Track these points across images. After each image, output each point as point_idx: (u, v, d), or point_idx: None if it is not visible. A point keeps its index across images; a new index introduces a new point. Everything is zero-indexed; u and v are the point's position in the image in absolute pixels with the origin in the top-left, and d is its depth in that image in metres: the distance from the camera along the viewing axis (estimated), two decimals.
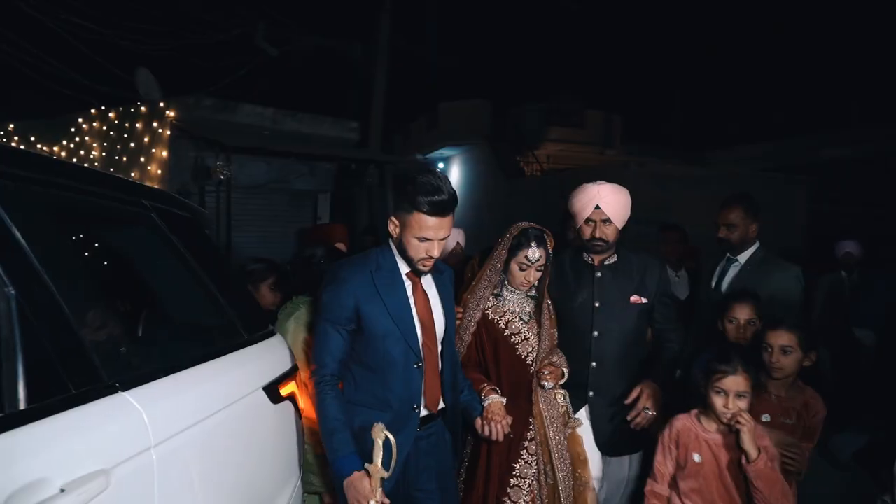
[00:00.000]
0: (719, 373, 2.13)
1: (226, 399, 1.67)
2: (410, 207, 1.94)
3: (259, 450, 1.85)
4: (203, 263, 1.85)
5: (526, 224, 2.49)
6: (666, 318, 2.70)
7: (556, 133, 16.88)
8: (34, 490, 1.05)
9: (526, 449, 2.44)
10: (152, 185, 1.91)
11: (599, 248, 2.61)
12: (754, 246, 3.09)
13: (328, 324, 2.03)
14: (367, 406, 2.06)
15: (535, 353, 2.49)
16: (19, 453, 1.06)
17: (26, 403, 1.11)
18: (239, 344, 1.88)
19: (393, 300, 2.04)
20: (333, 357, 2.02)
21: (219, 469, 1.60)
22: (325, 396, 1.98)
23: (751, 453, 2.07)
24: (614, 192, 2.58)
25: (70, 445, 1.15)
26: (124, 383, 1.33)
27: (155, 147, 8.35)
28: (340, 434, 1.94)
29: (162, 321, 1.73)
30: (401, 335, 2.04)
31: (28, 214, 1.25)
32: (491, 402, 2.30)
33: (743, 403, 2.11)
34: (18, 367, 1.12)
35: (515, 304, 2.54)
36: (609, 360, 2.61)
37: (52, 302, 1.23)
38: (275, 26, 8.79)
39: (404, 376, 2.06)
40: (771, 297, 2.84)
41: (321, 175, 9.32)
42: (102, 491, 1.15)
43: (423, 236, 1.96)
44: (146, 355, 1.47)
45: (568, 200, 2.66)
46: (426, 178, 1.93)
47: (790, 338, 2.38)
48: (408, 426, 2.07)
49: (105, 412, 1.26)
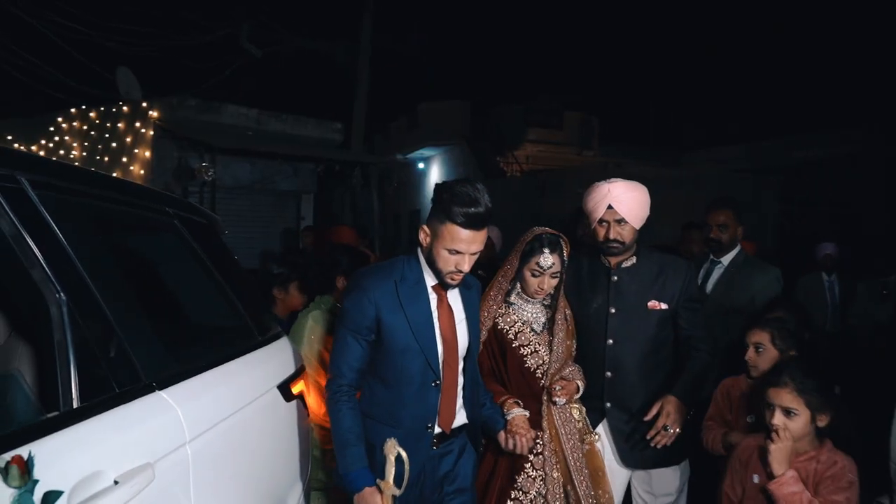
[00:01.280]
0: (768, 384, 2.02)
1: (247, 397, 1.76)
2: (444, 217, 1.84)
3: (276, 445, 1.94)
4: (220, 268, 1.94)
5: (540, 229, 2.35)
6: (693, 324, 2.48)
7: (536, 134, 17.07)
8: (92, 482, 1.12)
9: (532, 463, 2.32)
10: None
11: (615, 250, 2.44)
12: (736, 248, 3.22)
13: (348, 332, 1.95)
14: (380, 421, 1.98)
15: (547, 367, 2.36)
16: (77, 448, 1.14)
17: (79, 402, 1.19)
18: (254, 345, 1.97)
19: (415, 313, 1.95)
20: (351, 367, 1.95)
21: (243, 463, 1.69)
22: (340, 406, 1.92)
23: (775, 469, 1.91)
24: (627, 190, 2.40)
25: (118, 441, 1.23)
26: (160, 382, 1.41)
27: (138, 147, 8.32)
28: (354, 448, 1.89)
29: (187, 323, 1.81)
30: (420, 350, 1.95)
31: (72, 224, 1.33)
32: (514, 415, 2.21)
33: (792, 422, 1.94)
34: (71, 367, 1.20)
35: (529, 313, 2.41)
36: (625, 370, 2.43)
37: (96, 306, 1.31)
38: (259, 28, 8.81)
39: (420, 393, 1.98)
40: (752, 299, 2.97)
41: (305, 176, 9.36)
42: (150, 483, 1.24)
43: (455, 248, 1.85)
44: (176, 356, 1.55)
45: (582, 199, 2.53)
46: (464, 188, 1.84)
47: (762, 336, 2.39)
48: (420, 445, 1.99)
49: (146, 410, 1.34)
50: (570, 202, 5.07)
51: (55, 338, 1.20)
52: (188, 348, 1.68)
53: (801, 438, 1.97)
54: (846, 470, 1.92)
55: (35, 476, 0.99)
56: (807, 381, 1.95)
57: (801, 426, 1.96)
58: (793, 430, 1.95)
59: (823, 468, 1.94)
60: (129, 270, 1.52)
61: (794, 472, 1.91)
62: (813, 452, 1.98)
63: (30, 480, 0.97)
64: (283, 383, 2.04)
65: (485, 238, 1.90)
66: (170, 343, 1.58)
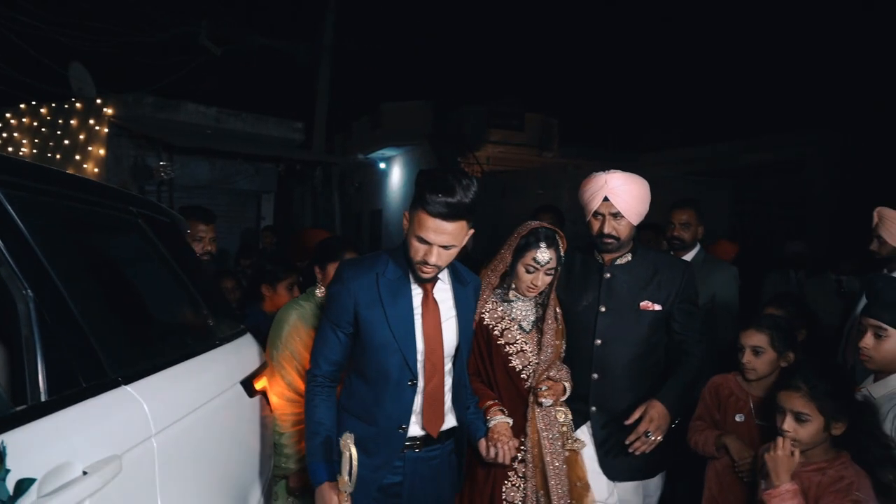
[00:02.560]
0: (780, 387, 1.95)
1: (211, 392, 1.79)
2: (418, 203, 1.76)
3: (239, 439, 1.98)
4: (183, 266, 1.97)
5: (536, 223, 2.23)
6: (686, 327, 2.37)
7: (497, 135, 17.23)
8: (61, 473, 1.16)
9: (515, 471, 2.21)
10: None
11: (609, 246, 2.33)
12: (696, 248, 3.36)
13: (327, 323, 1.93)
14: (356, 416, 1.94)
15: (533, 367, 2.25)
16: (45, 440, 1.17)
17: (47, 396, 1.22)
18: (218, 342, 2.00)
19: (395, 309, 1.88)
20: (327, 359, 1.93)
21: (208, 455, 1.72)
22: (312, 397, 1.92)
23: (774, 479, 1.83)
24: (625, 182, 2.27)
25: (86, 433, 1.26)
26: (126, 377, 1.45)
27: (91, 145, 8.14)
28: (318, 439, 1.87)
29: (152, 320, 1.83)
30: (398, 347, 1.88)
31: (39, 222, 1.35)
32: (497, 422, 2.11)
33: (804, 428, 1.84)
34: (38, 362, 1.23)
35: (519, 310, 2.30)
36: (613, 372, 2.32)
37: (62, 303, 1.34)
38: (218, 25, 8.71)
39: (396, 393, 1.91)
40: (713, 297, 3.11)
41: (265, 175, 9.29)
42: (118, 474, 1.27)
43: (423, 237, 1.76)
44: (142, 352, 1.58)
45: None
46: (442, 175, 1.75)
47: (761, 338, 2.28)
48: (389, 446, 1.92)
49: (112, 404, 1.37)
50: (531, 203, 5.19)
51: (23, 333, 1.23)
52: (153, 345, 1.71)
53: (813, 446, 1.86)
54: (853, 487, 1.77)
55: (7, 466, 1.02)
56: (820, 383, 1.84)
57: (812, 433, 1.84)
58: (803, 438, 1.84)
59: (829, 482, 1.81)
60: (94, 268, 1.55)
61: (794, 485, 1.80)
62: (823, 464, 1.85)
63: (2, 469, 1.00)
64: (247, 379, 2.07)
65: (460, 232, 1.79)
66: (135, 339, 1.61)
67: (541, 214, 3.89)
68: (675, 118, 17.86)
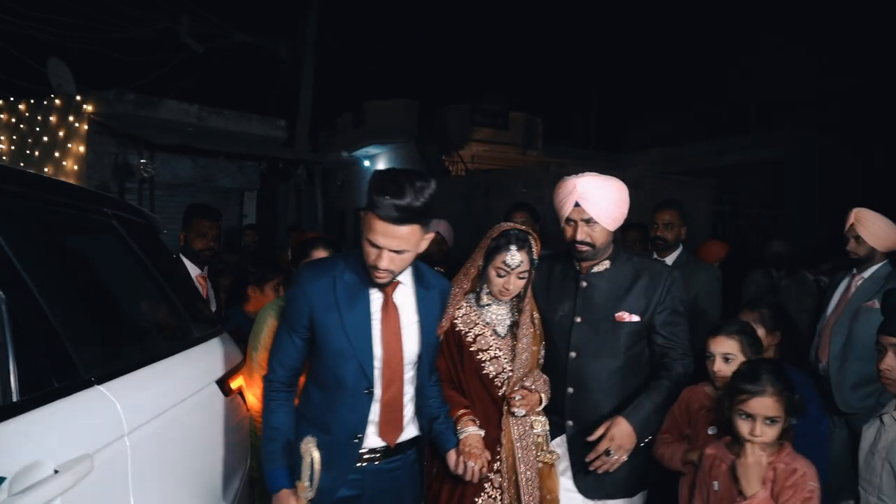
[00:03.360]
0: (745, 393, 1.81)
1: (185, 392, 1.82)
2: (367, 205, 1.68)
3: (214, 438, 2.00)
4: (158, 266, 1.99)
5: (509, 225, 2.16)
6: (669, 339, 2.21)
7: (481, 133, 17.29)
8: (32, 471, 1.18)
9: (491, 482, 2.11)
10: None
11: (584, 254, 2.20)
12: (679, 249, 3.40)
13: (284, 327, 1.87)
14: (312, 424, 1.85)
15: (508, 374, 2.16)
16: (17, 440, 1.19)
17: (18, 396, 1.24)
18: (193, 341, 2.03)
19: (351, 313, 1.80)
20: (283, 365, 1.86)
21: (182, 455, 1.75)
22: (268, 403, 1.86)
23: (746, 489, 1.77)
24: (597, 186, 2.13)
25: (58, 432, 1.29)
26: (99, 378, 1.47)
27: (71, 142, 8.07)
28: (274, 445, 1.81)
29: (127, 320, 1.85)
30: (354, 354, 1.79)
31: (11, 225, 1.37)
32: (468, 435, 2.02)
33: (772, 430, 1.79)
34: (10, 363, 1.25)
35: (494, 314, 2.22)
36: (588, 387, 2.20)
37: (35, 304, 1.36)
38: (200, 22, 8.66)
39: (351, 401, 1.83)
40: (695, 297, 3.13)
41: (248, 173, 9.27)
42: (89, 472, 1.30)
43: (372, 240, 1.68)
44: (115, 352, 1.60)
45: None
46: (394, 176, 1.66)
47: (731, 345, 2.15)
48: (344, 457, 1.84)
49: (84, 404, 1.39)
50: (514, 201, 5.22)
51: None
52: (127, 345, 1.73)
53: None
54: (807, 478, 1.77)
55: None
56: (781, 383, 1.81)
57: (777, 434, 1.81)
58: (770, 441, 1.80)
59: (783, 476, 1.79)
60: (68, 270, 1.57)
61: (766, 492, 1.77)
62: (772, 458, 1.82)
63: None
64: (222, 378, 2.10)
65: (412, 237, 1.69)
66: (109, 340, 1.63)
67: (514, 213, 3.83)
68: (657, 117, 18.01)
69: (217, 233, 3.31)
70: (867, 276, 3.13)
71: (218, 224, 3.32)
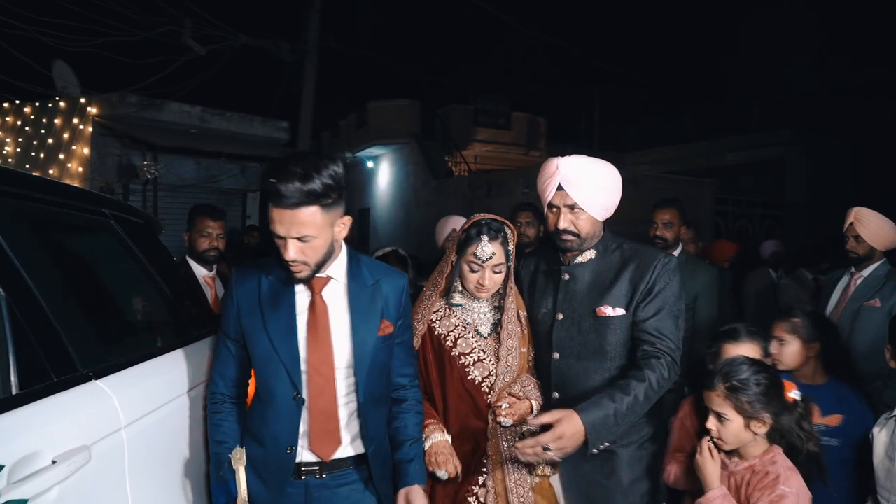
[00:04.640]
0: (704, 387, 1.82)
1: (181, 388, 1.86)
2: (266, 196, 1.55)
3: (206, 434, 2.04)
4: (156, 265, 2.04)
5: (482, 215, 1.99)
6: (654, 336, 1.91)
7: (484, 134, 17.36)
8: (30, 461, 1.23)
9: (475, 496, 1.92)
10: (73, 183, 2.00)
11: (568, 244, 1.98)
12: (678, 248, 3.41)
13: (221, 335, 1.79)
14: (251, 437, 1.77)
15: (494, 378, 1.96)
16: (16, 431, 1.24)
17: (18, 389, 1.29)
18: (189, 339, 2.07)
19: (274, 314, 1.68)
20: (222, 375, 1.79)
21: (177, 448, 1.80)
22: (210, 416, 1.79)
23: (704, 485, 1.76)
24: (582, 168, 1.91)
25: (56, 425, 1.33)
26: (97, 373, 1.52)
27: (76, 144, 8.15)
28: (214, 459, 1.76)
29: (124, 318, 1.90)
30: (279, 358, 1.68)
31: (11, 225, 1.42)
32: (433, 442, 1.88)
33: (725, 428, 1.76)
34: (10, 357, 1.30)
35: (476, 314, 2.03)
36: (573, 392, 1.96)
37: (34, 301, 1.40)
38: (203, 25, 8.74)
39: (281, 410, 1.70)
40: (696, 297, 3.16)
41: (250, 174, 9.33)
42: (86, 463, 1.35)
43: (274, 231, 1.56)
44: (113, 349, 1.65)
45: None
46: (282, 160, 1.54)
47: (752, 349, 2.03)
48: (279, 470, 1.72)
49: (82, 397, 1.44)
50: (516, 201, 5.25)
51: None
52: (125, 342, 1.78)
53: (745, 445, 1.78)
54: (777, 481, 1.72)
55: None
56: (738, 382, 1.74)
57: (735, 432, 1.76)
58: (726, 438, 1.77)
59: (757, 479, 1.76)
60: (67, 269, 1.61)
61: (721, 489, 1.75)
62: (755, 460, 1.79)
63: None
64: None
65: (314, 220, 1.55)
66: (106, 336, 1.68)
67: (519, 213, 3.92)
68: (659, 117, 18.03)
69: (221, 232, 3.31)
70: (866, 274, 3.15)
71: (221, 223, 3.33)
